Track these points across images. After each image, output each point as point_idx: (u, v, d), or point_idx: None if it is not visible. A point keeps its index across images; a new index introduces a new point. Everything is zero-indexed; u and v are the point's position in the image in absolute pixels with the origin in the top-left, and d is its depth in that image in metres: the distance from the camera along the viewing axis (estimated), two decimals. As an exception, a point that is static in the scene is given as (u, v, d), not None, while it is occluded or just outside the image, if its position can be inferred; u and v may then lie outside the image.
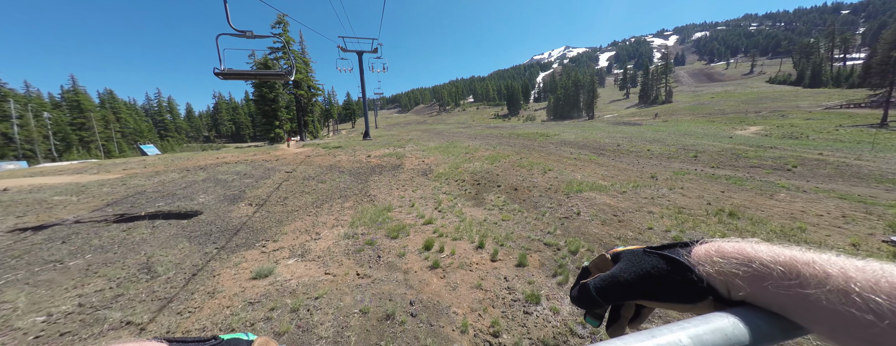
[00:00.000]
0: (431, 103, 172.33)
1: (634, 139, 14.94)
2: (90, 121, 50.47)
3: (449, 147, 14.01)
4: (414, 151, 13.04)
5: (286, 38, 27.82)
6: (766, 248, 0.32)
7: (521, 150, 12.45)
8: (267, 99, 26.15)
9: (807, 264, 0.28)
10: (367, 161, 10.77)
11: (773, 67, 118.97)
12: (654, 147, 12.07)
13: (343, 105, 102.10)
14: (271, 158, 12.80)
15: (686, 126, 22.43)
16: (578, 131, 21.07)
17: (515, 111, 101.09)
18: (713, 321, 0.30)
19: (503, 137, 19.82)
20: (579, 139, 15.62)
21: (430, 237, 4.17)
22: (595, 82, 65.98)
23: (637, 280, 0.38)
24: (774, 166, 7.65)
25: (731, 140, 14.16)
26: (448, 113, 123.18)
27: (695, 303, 0.35)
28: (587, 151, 11.87)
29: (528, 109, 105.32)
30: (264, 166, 10.25)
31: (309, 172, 9.22)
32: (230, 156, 13.81)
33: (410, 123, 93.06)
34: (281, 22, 27.16)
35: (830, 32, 75.69)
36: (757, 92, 62.88)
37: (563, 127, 27.78)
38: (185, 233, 4.60)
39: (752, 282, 0.31)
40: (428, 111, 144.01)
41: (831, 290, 0.26)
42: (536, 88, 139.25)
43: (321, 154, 13.35)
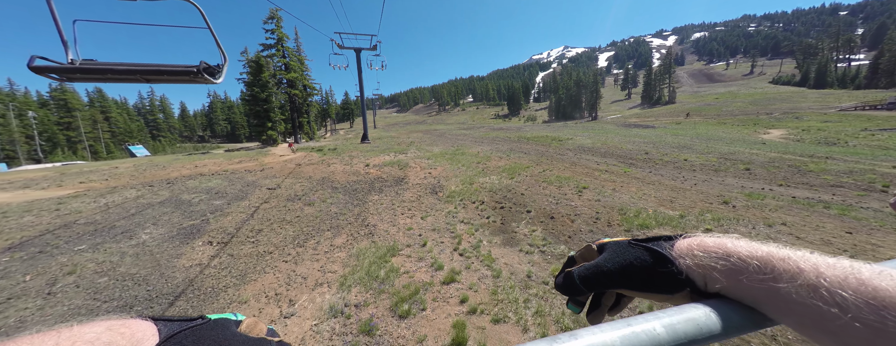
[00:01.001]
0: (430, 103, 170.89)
1: (659, 145, 13.59)
2: (76, 120, 48.55)
3: (456, 154, 12.59)
4: (417, 159, 11.62)
5: (280, 35, 26.26)
6: (746, 243, 0.34)
7: (538, 158, 11.06)
8: (259, 99, 24.59)
9: (782, 259, 0.30)
10: (365, 172, 9.34)
11: (774, 68, 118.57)
12: (689, 156, 10.73)
13: (341, 104, 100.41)
14: (256, 166, 11.33)
15: (704, 129, 21.11)
16: (591, 134, 19.73)
17: (516, 111, 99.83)
18: (687, 311, 0.32)
19: (512, 140, 18.43)
20: (598, 145, 14.25)
21: (459, 319, 2.76)
22: (598, 83, 64.79)
23: (619, 270, 0.39)
24: (859, 185, 6.30)
25: (765, 146, 12.86)
26: (448, 113, 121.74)
27: (673, 294, 0.36)
28: (614, 160, 10.50)
29: (529, 110, 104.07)
30: (244, 180, 8.80)
31: (296, 188, 7.77)
32: (210, 164, 12.31)
33: (410, 124, 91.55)
34: (274, 17, 25.58)
35: (835, 33, 74.89)
36: (762, 93, 61.97)
37: (572, 129, 26.44)
38: (94, 304, 3.15)
39: (728, 275, 0.32)
40: (427, 111, 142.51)
41: (802, 285, 0.27)
42: (536, 87, 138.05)
43: (314, 162, 11.89)
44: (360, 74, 22.56)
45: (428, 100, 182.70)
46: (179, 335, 0.31)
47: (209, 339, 0.32)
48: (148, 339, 0.30)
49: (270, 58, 25.76)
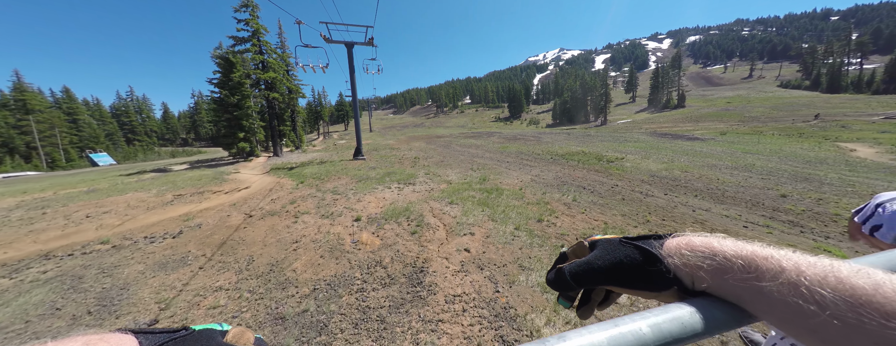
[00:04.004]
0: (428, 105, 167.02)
1: (765, 174, 9.85)
2: (30, 124, 43.19)
3: (489, 191, 8.63)
4: (434, 200, 7.65)
5: (256, 26, 21.97)
6: (732, 243, 0.34)
7: (616, 203, 7.22)
8: (227, 104, 20.27)
9: (765, 258, 0.31)
10: (354, 249, 5.32)
11: (772, 71, 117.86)
12: (839, 198, 7.03)
13: (336, 106, 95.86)
14: (186, 214, 7.18)
15: (772, 143, 17.48)
16: (636, 149, 15.98)
17: (517, 114, 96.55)
18: (672, 310, 0.32)
19: (544, 159, 14.55)
20: (675, 172, 10.44)
21: None
22: (608, 85, 61.63)
23: (610, 268, 0.40)
24: None
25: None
26: (446, 115, 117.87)
27: (660, 292, 0.38)
28: (739, 208, 6.71)
29: (530, 113, 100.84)
30: (111, 278, 4.73)
31: (195, 313, 3.74)
32: (117, 210, 8.10)
33: (407, 127, 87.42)
34: (248, 4, 21.32)
35: (846, 36, 73.17)
36: (776, 97, 59.50)
37: (602, 141, 22.67)
38: None
39: (714, 274, 0.33)
40: (424, 113, 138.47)
41: (783, 283, 0.28)
42: (534, 89, 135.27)
43: (276, 207, 7.80)
44: (352, 74, 18.47)
45: (425, 101, 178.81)
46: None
47: None
48: None
49: (244, 54, 21.47)
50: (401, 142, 31.94)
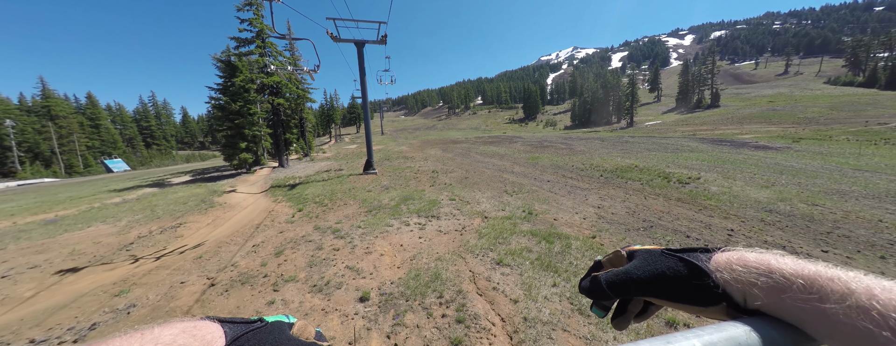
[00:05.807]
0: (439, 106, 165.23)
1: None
2: (49, 130, 43.84)
3: (551, 244, 6.18)
4: (481, 264, 5.28)
5: (260, 26, 20.30)
6: (791, 261, 0.32)
7: None
8: (230, 111, 18.68)
9: (830, 279, 0.29)
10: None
11: (811, 67, 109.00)
12: None
13: (348, 108, 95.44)
14: (110, 291, 5.11)
15: (881, 156, 14.14)
16: (713, 166, 13.05)
17: (532, 115, 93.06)
18: (727, 329, 0.31)
19: (590, 175, 11.90)
20: (799, 205, 7.67)
21: None
22: (635, 85, 57.50)
23: (651, 279, 0.39)
24: None
25: None
26: (458, 117, 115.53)
27: (706, 307, 0.36)
28: None
29: (546, 114, 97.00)
30: None
31: None
32: (85, 248, 6.14)
33: (419, 129, 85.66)
34: (252, 3, 19.67)
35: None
36: (829, 95, 53.76)
37: (649, 151, 19.65)
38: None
39: (769, 293, 0.32)
40: (436, 114, 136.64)
41: (852, 306, 0.27)
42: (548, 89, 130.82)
43: (253, 267, 5.65)
44: (362, 76, 16.42)
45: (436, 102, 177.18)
46: (243, 338, 0.34)
47: (269, 342, 0.35)
48: (216, 341, 0.32)
49: (247, 56, 19.87)
50: (414, 148, 29.77)
